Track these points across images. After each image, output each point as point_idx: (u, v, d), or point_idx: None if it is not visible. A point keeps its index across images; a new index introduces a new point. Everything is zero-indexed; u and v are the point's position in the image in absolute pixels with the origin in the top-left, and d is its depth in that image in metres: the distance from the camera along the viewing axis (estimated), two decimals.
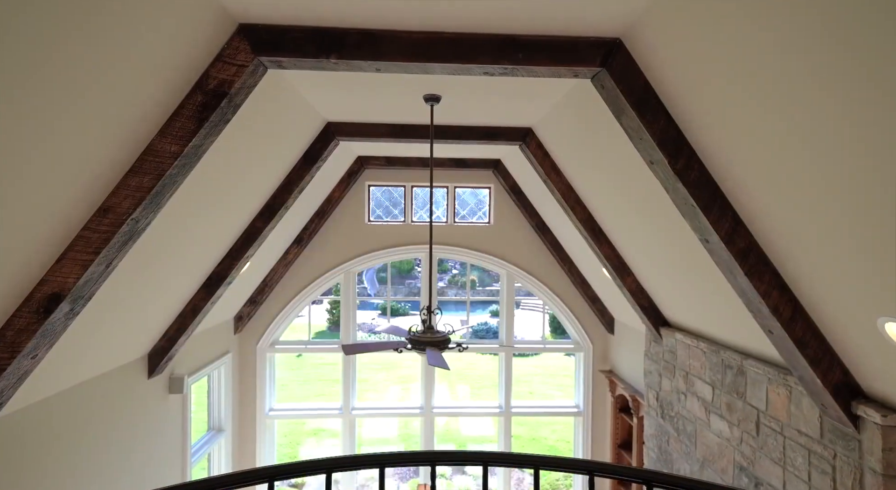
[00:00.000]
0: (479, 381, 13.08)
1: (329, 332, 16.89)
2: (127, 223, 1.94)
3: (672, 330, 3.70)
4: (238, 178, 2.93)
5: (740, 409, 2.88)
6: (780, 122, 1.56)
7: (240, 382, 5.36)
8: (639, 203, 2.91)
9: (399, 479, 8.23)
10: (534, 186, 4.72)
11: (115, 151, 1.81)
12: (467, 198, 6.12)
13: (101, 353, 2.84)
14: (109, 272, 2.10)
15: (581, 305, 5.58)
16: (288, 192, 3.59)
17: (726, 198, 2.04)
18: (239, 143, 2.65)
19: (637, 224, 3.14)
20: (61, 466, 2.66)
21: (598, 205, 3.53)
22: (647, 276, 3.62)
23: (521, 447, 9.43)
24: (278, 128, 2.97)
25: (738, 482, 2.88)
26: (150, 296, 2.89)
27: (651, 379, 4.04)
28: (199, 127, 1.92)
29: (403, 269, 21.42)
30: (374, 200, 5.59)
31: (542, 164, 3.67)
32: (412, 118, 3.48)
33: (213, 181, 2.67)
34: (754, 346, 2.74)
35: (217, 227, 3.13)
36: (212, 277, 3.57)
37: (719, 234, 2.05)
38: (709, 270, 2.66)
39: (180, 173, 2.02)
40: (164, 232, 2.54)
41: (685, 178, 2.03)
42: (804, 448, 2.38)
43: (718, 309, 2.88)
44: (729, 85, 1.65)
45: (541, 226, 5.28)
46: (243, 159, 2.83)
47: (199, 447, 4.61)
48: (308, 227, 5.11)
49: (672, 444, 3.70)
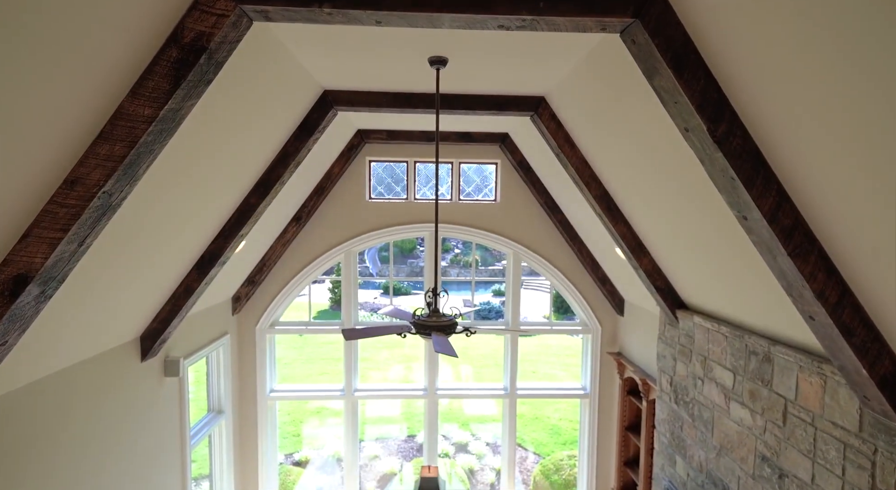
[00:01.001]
0: (482, 360, 13.07)
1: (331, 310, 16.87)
2: (98, 197, 1.73)
3: (690, 313, 3.51)
4: (227, 150, 2.70)
5: (765, 398, 2.71)
6: (852, 78, 1.32)
7: (239, 364, 5.24)
8: (663, 177, 2.67)
9: (402, 458, 8.25)
10: (543, 162, 4.47)
11: (81, 114, 1.59)
12: (472, 174, 5.88)
13: (85, 337, 2.67)
14: (83, 251, 1.90)
15: (590, 286, 5.40)
16: (283, 166, 3.36)
17: (771, 169, 1.81)
18: (225, 110, 2.41)
19: (659, 200, 2.92)
20: (55, 451, 2.53)
21: (615, 180, 3.30)
22: (665, 256, 3.41)
23: (524, 426, 9.44)
24: (270, 94, 2.72)
25: (760, 472, 2.75)
26: (135, 276, 2.70)
27: (665, 363, 3.89)
28: (175, 87, 1.69)
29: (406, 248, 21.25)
30: (374, 177, 5.35)
31: (555, 137, 3.42)
32: (416, 85, 3.22)
33: (197, 152, 2.44)
34: (785, 331, 2.55)
35: (207, 203, 2.91)
36: (204, 257, 3.38)
37: (761, 210, 1.83)
38: (739, 250, 2.45)
39: (157, 141, 1.79)
40: (145, 208, 2.33)
41: (726, 147, 1.80)
42: (839, 441, 2.21)
43: (746, 291, 2.68)
44: (788, 34, 1.40)
45: (549, 204, 5.05)
46: (232, 128, 2.59)
47: (198, 429, 4.52)
48: (306, 205, 4.89)
49: (686, 430, 3.57)
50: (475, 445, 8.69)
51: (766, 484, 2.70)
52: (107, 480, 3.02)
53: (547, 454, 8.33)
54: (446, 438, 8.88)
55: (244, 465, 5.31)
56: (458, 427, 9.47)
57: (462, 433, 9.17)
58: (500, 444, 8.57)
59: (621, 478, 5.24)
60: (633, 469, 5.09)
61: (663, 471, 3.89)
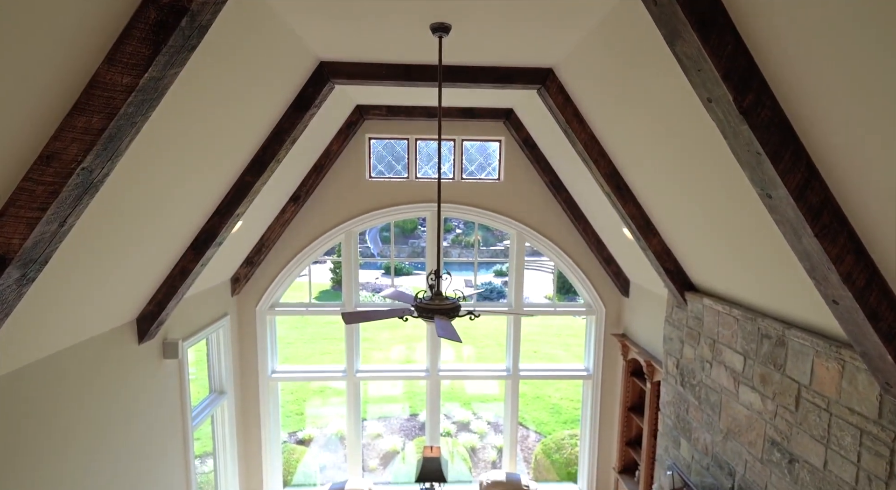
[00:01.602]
0: (484, 340, 13.12)
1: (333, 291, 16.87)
2: (77, 173, 1.61)
3: (699, 295, 3.42)
4: (217, 125, 2.56)
5: (777, 382, 2.64)
6: None
7: (240, 345, 5.21)
8: (679, 153, 2.54)
9: (405, 437, 8.33)
10: (549, 138, 4.31)
11: (53, 82, 1.46)
12: (475, 152, 5.71)
13: (77, 320, 2.59)
14: (66, 232, 1.80)
15: (595, 267, 5.31)
16: (279, 142, 3.22)
17: (802, 143, 1.68)
18: (214, 82, 2.27)
19: (672, 178, 2.78)
20: (52, 434, 2.49)
21: (625, 157, 3.15)
22: (675, 236, 3.30)
23: (525, 405, 9.50)
24: (262, 65, 2.56)
25: (769, 456, 2.70)
26: (126, 258, 2.60)
27: (671, 345, 3.82)
28: (155, 53, 1.55)
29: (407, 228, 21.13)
30: (374, 155, 5.19)
31: (563, 112, 3.26)
32: (417, 56, 3.05)
33: (185, 127, 2.30)
34: (801, 314, 2.46)
35: (199, 181, 2.79)
36: (199, 237, 3.27)
37: (788, 187, 1.71)
38: (757, 230, 2.33)
39: (138, 112, 1.66)
40: (132, 186, 2.21)
41: (752, 119, 1.66)
42: (855, 427, 2.15)
43: (762, 273, 2.58)
44: None
45: (554, 182, 4.90)
46: (221, 102, 2.44)
47: (200, 410, 4.51)
48: (305, 184, 4.75)
49: (692, 413, 3.52)
50: (477, 424, 8.77)
51: (774, 468, 2.66)
52: (108, 461, 3.00)
53: (548, 433, 8.41)
54: (448, 418, 8.96)
55: (247, 445, 5.33)
56: (459, 406, 9.55)
57: (464, 412, 9.25)
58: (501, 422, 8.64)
59: (623, 457, 5.26)
60: (635, 449, 5.10)
61: (667, 452, 3.87)
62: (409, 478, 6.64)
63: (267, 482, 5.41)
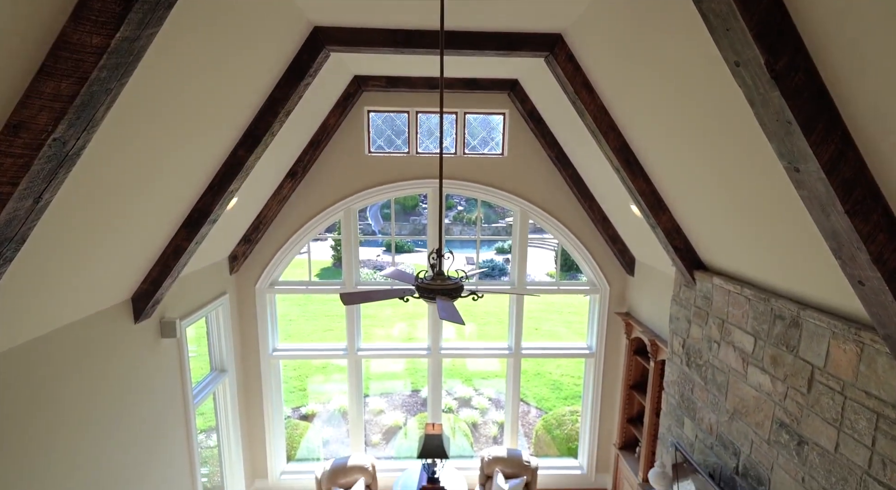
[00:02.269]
0: (486, 317, 13.15)
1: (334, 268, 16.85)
2: (49, 144, 1.48)
3: (709, 274, 3.32)
4: (204, 95, 2.41)
5: (789, 364, 2.57)
6: None
7: (240, 323, 5.16)
8: (696, 124, 2.38)
9: (407, 412, 8.42)
10: (556, 111, 4.13)
11: (13, 41, 1.31)
12: (478, 126, 5.52)
13: (68, 299, 2.51)
14: (42, 208, 1.68)
15: (600, 245, 5.20)
16: (272, 114, 3.07)
17: (838, 111, 1.53)
18: (197, 45, 2.11)
19: (687, 151, 2.64)
20: (47, 415, 2.44)
21: (637, 130, 3.00)
22: (686, 213, 3.17)
23: (526, 382, 9.58)
24: (250, 28, 2.39)
25: (777, 438, 2.65)
26: (113, 236, 2.50)
27: (678, 325, 3.74)
28: (126, 9, 1.40)
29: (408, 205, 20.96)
30: (374, 129, 5.01)
31: (572, 81, 3.09)
32: (417, 20, 2.86)
33: (169, 95, 2.16)
34: (818, 295, 2.36)
35: (188, 155, 2.65)
36: (192, 215, 3.16)
37: (819, 160, 1.58)
38: (778, 207, 2.21)
39: (112, 78, 1.52)
40: (114, 159, 2.08)
41: (784, 84, 1.52)
42: (871, 411, 2.07)
43: (779, 252, 2.47)
44: None
45: (560, 157, 4.74)
46: (207, 68, 2.29)
47: (202, 387, 4.50)
48: (302, 159, 4.60)
49: (697, 393, 3.48)
50: (478, 400, 8.85)
51: (782, 450, 2.61)
52: (109, 437, 2.97)
53: (548, 409, 8.49)
54: (450, 394, 9.04)
55: (250, 421, 5.36)
56: (461, 383, 9.62)
57: (465, 389, 9.33)
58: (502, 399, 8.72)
59: (624, 434, 5.29)
60: (636, 426, 5.12)
61: (670, 431, 3.86)
62: (412, 452, 6.73)
63: (271, 457, 5.47)
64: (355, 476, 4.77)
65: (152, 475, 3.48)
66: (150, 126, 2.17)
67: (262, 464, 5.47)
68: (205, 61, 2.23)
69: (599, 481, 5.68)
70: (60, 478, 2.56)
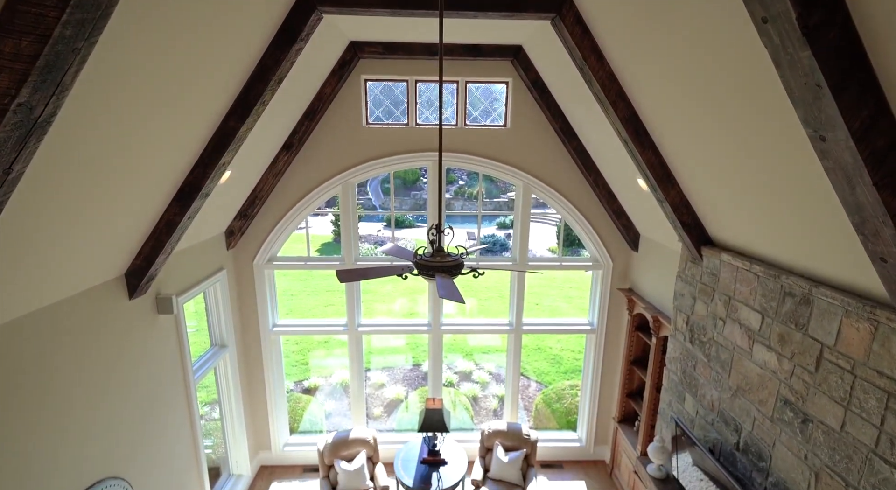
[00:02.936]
0: (486, 292, 13.16)
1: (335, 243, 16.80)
2: (13, 110, 1.37)
3: (717, 250, 3.23)
4: (185, 58, 2.26)
5: (797, 342, 2.50)
6: None
7: (239, 299, 5.12)
8: (713, 91, 2.24)
9: (408, 386, 8.52)
10: (562, 79, 3.94)
11: None
12: (480, 97, 5.31)
13: (56, 275, 2.43)
14: (15, 180, 1.58)
15: (604, 220, 5.09)
16: (263, 82, 2.91)
17: (874, 74, 1.40)
18: (176, 2, 1.95)
19: (701, 121, 2.50)
20: (46, 387, 2.41)
21: (648, 98, 2.84)
22: (696, 187, 3.05)
23: (527, 356, 9.65)
24: None
25: (781, 415, 2.62)
26: (98, 209, 2.40)
27: (682, 302, 3.68)
28: None
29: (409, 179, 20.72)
30: (372, 99, 4.83)
31: (580, 46, 2.91)
32: None
33: (145, 57, 2.01)
34: (832, 272, 2.27)
35: (173, 124, 2.52)
36: (183, 189, 3.05)
37: (849, 128, 1.45)
38: (795, 179, 2.09)
39: (78, 36, 1.39)
40: (89, 128, 1.96)
41: (817, 42, 1.38)
42: (882, 390, 2.02)
43: (793, 227, 2.36)
44: None
45: (565, 129, 4.57)
46: (189, 28, 2.13)
47: (202, 362, 4.49)
48: (297, 131, 4.45)
49: (699, 370, 3.44)
50: (478, 374, 8.94)
51: (785, 427, 2.59)
52: (107, 412, 2.97)
53: (548, 383, 8.57)
54: (450, 368, 9.12)
55: (252, 395, 5.40)
56: (462, 357, 9.70)
57: (466, 363, 9.41)
58: (502, 373, 8.80)
59: (623, 408, 5.32)
60: (635, 400, 5.14)
61: (670, 407, 3.85)
62: (413, 425, 6.83)
63: (274, 429, 5.54)
64: (357, 448, 4.83)
65: (155, 446, 3.50)
66: (129, 92, 2.04)
67: (265, 436, 5.55)
68: (185, 21, 2.07)
69: (598, 453, 5.76)
70: (59, 451, 2.56)
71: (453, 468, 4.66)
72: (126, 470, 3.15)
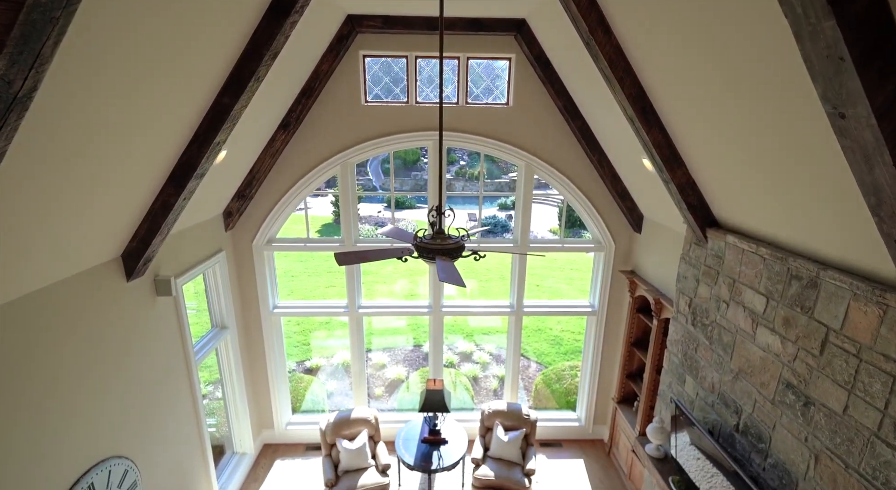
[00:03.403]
0: (487, 274, 13.17)
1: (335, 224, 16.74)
2: None
3: (722, 232, 3.17)
4: (175, 31, 2.16)
5: (802, 325, 2.47)
6: None
7: (239, 281, 5.10)
8: (726, 66, 2.14)
9: (409, 367, 8.59)
10: (566, 55, 3.81)
11: None
12: (482, 74, 5.17)
13: (46, 258, 2.39)
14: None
15: (607, 202, 5.01)
16: (257, 57, 2.80)
17: None
18: None
19: (710, 98, 2.40)
20: (45, 368, 2.40)
21: (656, 74, 2.74)
22: (703, 167, 2.97)
23: (527, 337, 9.71)
24: None
25: (782, 398, 2.61)
26: (88, 189, 2.34)
27: (685, 284, 3.64)
28: None
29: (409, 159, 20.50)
30: (370, 76, 4.70)
31: (587, 18, 2.79)
32: None
33: (129, 27, 1.92)
34: (841, 255, 2.22)
35: (165, 103, 2.44)
36: (177, 170, 2.98)
37: (872, 104, 1.38)
38: (808, 159, 2.02)
39: (55, 4, 1.31)
40: (74, 105, 1.88)
41: (843, 12, 1.29)
42: (888, 374, 1.99)
43: (803, 209, 2.30)
44: None
45: (569, 107, 4.46)
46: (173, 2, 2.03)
47: (203, 343, 4.50)
48: (294, 110, 4.34)
49: (700, 352, 3.43)
50: (479, 355, 9.00)
51: (787, 410, 2.58)
52: (107, 393, 2.97)
53: (548, 364, 8.63)
54: (451, 349, 9.19)
55: (254, 376, 5.44)
56: (462, 338, 9.76)
57: (466, 344, 9.47)
58: (503, 354, 8.86)
59: (623, 388, 5.35)
60: (635, 381, 5.17)
61: (670, 388, 3.86)
62: (414, 405, 6.90)
63: (276, 409, 5.60)
64: (359, 428, 4.89)
65: (158, 426, 3.53)
66: (112, 67, 1.96)
67: (268, 415, 5.61)
68: None
69: (597, 432, 5.83)
70: (60, 432, 2.57)
71: (454, 447, 4.72)
72: (129, 449, 3.18)
